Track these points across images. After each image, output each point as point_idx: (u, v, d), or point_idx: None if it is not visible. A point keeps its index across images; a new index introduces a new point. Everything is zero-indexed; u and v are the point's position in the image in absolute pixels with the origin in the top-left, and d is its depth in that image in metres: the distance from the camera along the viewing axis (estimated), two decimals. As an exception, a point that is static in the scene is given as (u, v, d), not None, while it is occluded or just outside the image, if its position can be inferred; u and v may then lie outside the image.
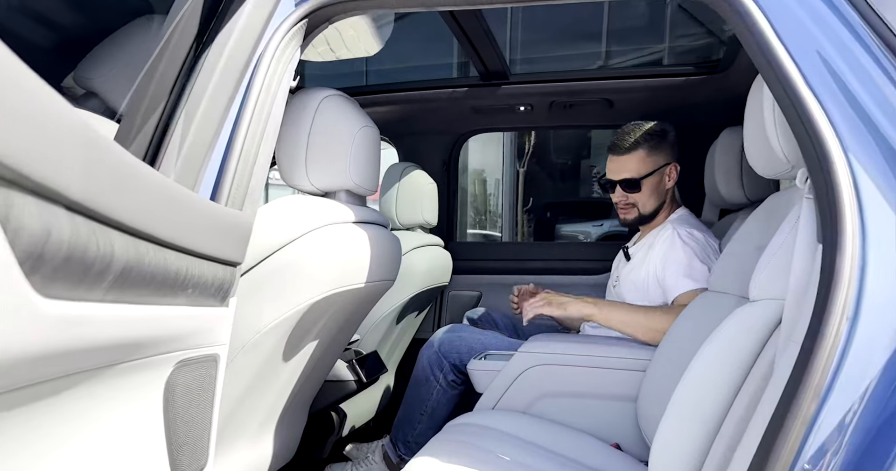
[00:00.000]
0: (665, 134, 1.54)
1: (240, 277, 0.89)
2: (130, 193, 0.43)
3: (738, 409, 0.75)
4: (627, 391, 1.30)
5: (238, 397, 1.00)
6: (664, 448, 0.81)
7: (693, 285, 1.36)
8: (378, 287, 1.26)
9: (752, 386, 0.74)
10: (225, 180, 0.83)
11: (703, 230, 1.49)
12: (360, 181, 1.15)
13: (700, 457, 0.78)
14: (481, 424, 1.28)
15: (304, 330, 1.08)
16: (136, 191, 0.45)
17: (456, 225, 2.45)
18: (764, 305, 0.76)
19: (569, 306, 1.41)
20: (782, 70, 0.69)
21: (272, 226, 0.98)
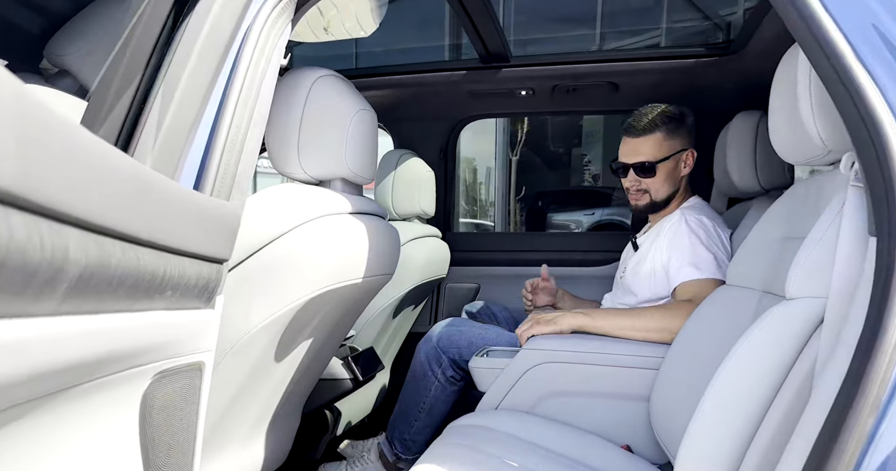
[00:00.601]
0: (684, 118, 1.47)
1: (227, 273, 0.82)
2: (91, 182, 0.36)
3: (775, 416, 0.70)
4: (639, 390, 1.25)
5: (227, 403, 0.93)
6: (691, 459, 0.76)
7: (696, 275, 1.30)
8: (376, 282, 1.20)
9: (791, 392, 0.69)
10: (209, 168, 0.75)
11: (713, 218, 1.43)
12: (357, 169, 1.08)
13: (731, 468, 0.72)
14: (485, 425, 1.22)
15: (298, 329, 1.02)
16: (100, 179, 0.38)
17: (453, 215, 2.38)
18: (803, 304, 0.70)
19: (559, 321, 1.34)
20: (830, 45, 0.63)
21: (262, 217, 0.90)
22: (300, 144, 1.02)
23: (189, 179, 0.75)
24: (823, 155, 0.82)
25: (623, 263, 1.61)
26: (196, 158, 0.76)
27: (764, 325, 0.74)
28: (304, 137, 1.02)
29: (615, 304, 1.53)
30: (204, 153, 0.77)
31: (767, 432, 0.70)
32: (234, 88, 0.79)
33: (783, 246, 0.98)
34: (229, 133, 0.78)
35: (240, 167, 0.81)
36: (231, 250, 0.66)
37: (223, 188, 0.77)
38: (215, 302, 0.64)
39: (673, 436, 1.11)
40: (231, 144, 0.78)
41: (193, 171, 0.75)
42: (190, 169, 0.75)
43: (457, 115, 2.17)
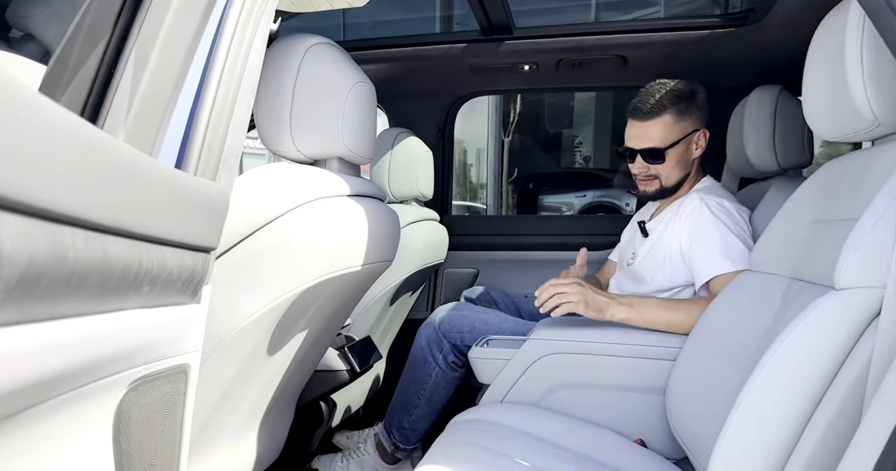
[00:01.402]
0: (694, 95, 1.38)
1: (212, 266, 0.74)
2: (39, 155, 0.28)
3: (825, 415, 0.64)
4: (653, 382, 1.20)
5: (215, 402, 0.87)
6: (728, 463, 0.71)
7: (732, 267, 1.22)
8: (376, 269, 1.13)
9: (841, 392, 0.63)
10: (193, 144, 0.67)
11: (733, 201, 1.36)
12: (355, 147, 1.00)
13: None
14: (490, 419, 1.17)
15: (292, 321, 0.95)
16: (52, 152, 0.30)
17: (451, 197, 2.30)
18: (857, 294, 0.64)
19: (606, 311, 1.21)
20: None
21: (251, 200, 0.83)
22: (293, 119, 0.94)
23: (170, 156, 0.67)
24: (871, 128, 0.75)
25: (629, 248, 1.54)
26: (177, 132, 0.68)
27: (811, 318, 0.68)
28: (296, 111, 0.94)
29: (624, 292, 1.47)
30: (186, 127, 0.69)
31: (815, 434, 0.65)
32: (218, 53, 0.70)
33: (815, 230, 0.92)
34: (214, 105, 0.70)
35: (227, 143, 0.73)
36: (219, 237, 0.59)
37: (209, 167, 0.69)
38: (201, 295, 0.56)
39: (690, 430, 1.06)
40: (217, 117, 0.70)
41: (175, 147, 0.68)
42: (170, 145, 0.67)
43: (456, 91, 2.08)
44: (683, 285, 1.35)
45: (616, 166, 8.59)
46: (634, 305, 1.24)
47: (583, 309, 1.21)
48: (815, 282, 0.84)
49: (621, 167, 8.28)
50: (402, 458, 1.65)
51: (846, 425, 0.63)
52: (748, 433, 0.72)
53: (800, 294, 0.88)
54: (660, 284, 1.36)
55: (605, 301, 1.23)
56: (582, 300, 1.20)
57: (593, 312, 1.21)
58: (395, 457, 1.65)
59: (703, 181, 1.45)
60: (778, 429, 0.67)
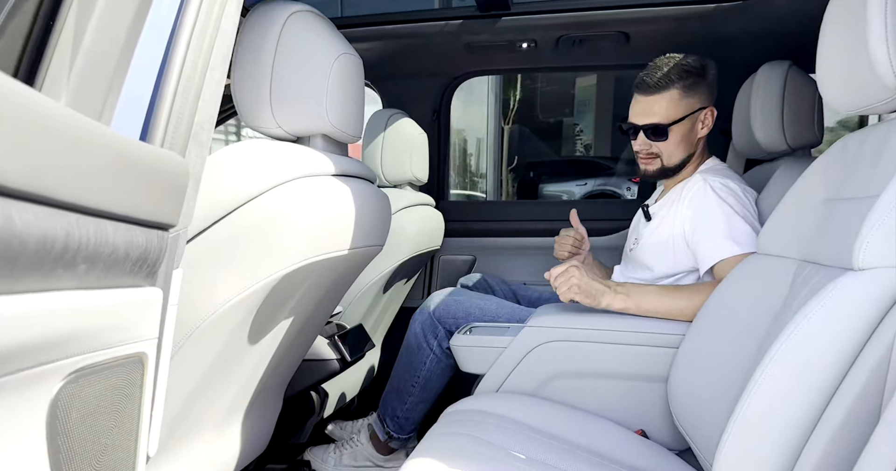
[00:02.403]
0: (705, 71, 1.31)
1: (185, 243, 0.69)
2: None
3: (841, 406, 0.59)
4: (655, 370, 1.15)
5: (191, 392, 0.82)
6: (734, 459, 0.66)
7: (738, 250, 1.17)
8: (365, 254, 1.08)
9: (861, 379, 0.58)
10: (159, 115, 0.62)
11: (739, 182, 1.31)
12: (341, 124, 0.94)
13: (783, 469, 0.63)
14: (485, 410, 1.12)
15: (274, 307, 0.90)
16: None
17: (447, 182, 2.25)
18: (878, 275, 0.59)
19: (602, 299, 1.18)
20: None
21: (229, 177, 0.77)
22: (273, 93, 0.88)
23: (132, 128, 0.62)
24: (893, 98, 0.70)
25: (633, 233, 1.49)
26: (141, 103, 0.63)
27: (825, 302, 0.63)
28: (276, 85, 0.88)
29: (628, 279, 1.42)
30: (152, 98, 0.63)
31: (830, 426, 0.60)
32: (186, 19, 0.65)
33: (827, 209, 0.86)
34: (182, 75, 0.65)
35: (198, 116, 0.68)
36: (179, 214, 0.54)
37: (177, 141, 0.64)
38: (162, 278, 0.51)
39: (693, 421, 1.02)
40: (185, 88, 0.65)
41: (138, 119, 0.63)
42: (133, 116, 0.62)
43: (452, 71, 2.01)
44: (687, 271, 1.30)
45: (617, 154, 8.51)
46: (631, 293, 1.19)
47: (580, 298, 1.18)
48: (829, 264, 0.79)
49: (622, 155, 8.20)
50: (397, 448, 1.61)
51: (865, 417, 0.59)
52: (757, 425, 0.68)
53: (811, 277, 0.83)
54: (663, 270, 1.32)
55: (601, 289, 1.19)
56: (576, 285, 1.17)
57: (588, 299, 1.18)
58: (389, 447, 1.61)
59: (709, 162, 1.39)
60: (789, 421, 0.63)
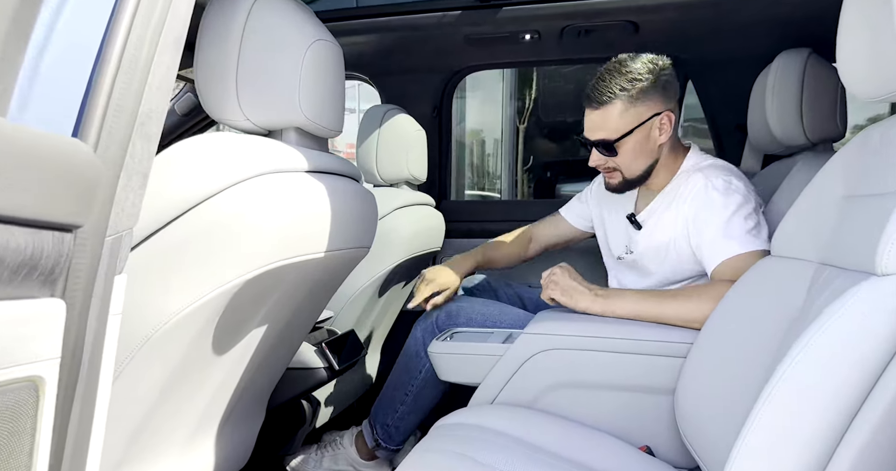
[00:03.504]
0: (654, 75, 1.21)
1: (128, 247, 0.64)
2: None
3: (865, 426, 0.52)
4: (661, 381, 1.08)
5: (152, 405, 0.77)
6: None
7: (737, 249, 1.11)
8: (347, 256, 1.02)
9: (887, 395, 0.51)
10: (94, 107, 0.57)
11: (741, 177, 1.23)
12: (316, 116, 0.89)
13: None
14: (477, 424, 1.06)
15: (242, 314, 0.84)
16: None
17: (449, 181, 2.18)
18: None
19: (580, 300, 1.17)
20: None
21: (184, 174, 0.72)
22: (239, 82, 0.83)
23: (59, 120, 0.57)
24: None
25: (620, 242, 1.40)
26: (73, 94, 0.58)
27: (846, 310, 0.55)
28: (243, 73, 0.83)
29: (624, 286, 1.35)
30: (87, 88, 0.58)
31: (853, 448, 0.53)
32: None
33: (847, 207, 0.79)
34: (122, 60, 0.59)
35: (144, 106, 0.62)
36: (87, 214, 0.49)
37: (117, 135, 0.59)
38: (65, 288, 0.46)
39: (702, 437, 0.94)
40: (127, 75, 0.60)
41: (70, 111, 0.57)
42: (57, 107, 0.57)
43: (452, 65, 1.95)
44: (693, 277, 1.23)
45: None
46: (611, 297, 1.16)
47: (559, 296, 1.18)
48: (850, 268, 0.72)
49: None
50: (381, 457, 1.56)
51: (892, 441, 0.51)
52: (769, 446, 0.61)
53: (831, 282, 0.75)
54: (666, 275, 1.25)
55: (580, 289, 1.18)
56: (554, 283, 1.18)
57: (565, 297, 1.18)
58: (373, 454, 1.56)
59: (692, 157, 1.29)
60: (805, 443, 0.55)
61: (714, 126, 1.86)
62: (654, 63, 1.21)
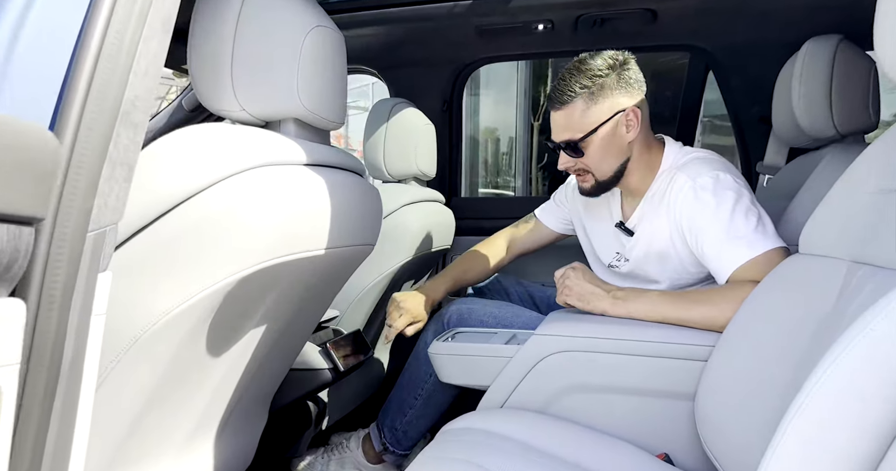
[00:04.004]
0: (615, 70, 1.16)
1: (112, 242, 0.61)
2: None
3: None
4: (681, 386, 1.03)
5: (143, 408, 0.74)
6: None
7: (750, 253, 1.05)
8: (349, 254, 0.99)
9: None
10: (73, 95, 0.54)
11: (726, 166, 1.16)
12: (315, 106, 0.85)
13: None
14: (486, 428, 1.02)
15: (238, 314, 0.81)
16: None
17: (460, 178, 2.14)
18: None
19: (598, 303, 1.12)
20: None
21: (172, 167, 0.69)
22: (234, 70, 0.79)
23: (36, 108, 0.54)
24: None
25: (609, 250, 1.35)
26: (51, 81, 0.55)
27: (887, 313, 0.50)
28: (239, 61, 0.80)
29: None
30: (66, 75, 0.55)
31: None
32: None
33: (882, 201, 0.74)
34: (104, 45, 0.56)
35: (129, 92, 0.59)
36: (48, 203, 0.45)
37: (100, 121, 0.56)
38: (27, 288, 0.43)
39: (724, 445, 0.89)
40: (110, 61, 0.57)
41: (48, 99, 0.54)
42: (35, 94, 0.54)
43: (462, 57, 1.91)
44: (703, 279, 1.18)
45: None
46: (631, 299, 1.10)
47: (573, 301, 1.13)
48: (888, 266, 0.67)
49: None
50: (388, 461, 1.52)
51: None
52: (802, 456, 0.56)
53: (867, 281, 0.70)
54: (673, 282, 1.21)
55: (596, 292, 1.13)
56: (568, 287, 1.13)
57: (581, 302, 1.13)
58: (380, 458, 1.53)
59: (671, 153, 1.23)
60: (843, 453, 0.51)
61: (736, 119, 1.79)
62: (614, 59, 1.17)
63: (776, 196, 1.40)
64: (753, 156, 1.75)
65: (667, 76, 3.94)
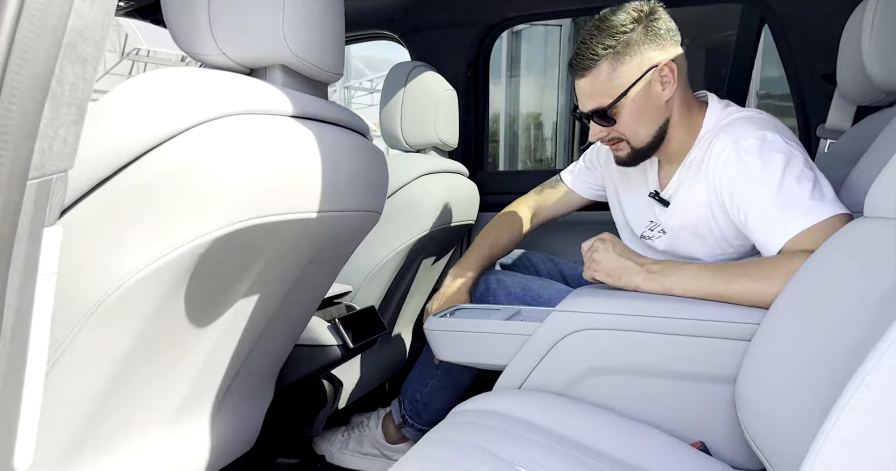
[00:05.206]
0: (642, 23, 1.04)
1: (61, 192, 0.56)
2: None
3: None
4: (720, 368, 0.93)
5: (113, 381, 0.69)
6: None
7: (805, 222, 0.93)
8: (350, 221, 0.92)
9: None
10: None
11: (775, 125, 1.03)
12: (305, 52, 0.78)
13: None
14: (501, 411, 0.94)
15: (222, 281, 0.75)
16: None
17: (486, 150, 2.05)
18: None
19: (631, 278, 1.02)
20: None
21: (135, 113, 0.63)
22: (212, 7, 0.73)
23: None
24: None
25: (642, 219, 1.24)
26: None
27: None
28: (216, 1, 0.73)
29: None
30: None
31: None
32: None
33: None
34: None
35: (73, 21, 0.53)
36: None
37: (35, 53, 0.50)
38: None
39: (769, 434, 0.80)
40: None
41: None
42: None
43: (487, 18, 1.80)
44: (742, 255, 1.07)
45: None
46: (668, 273, 0.99)
47: (599, 274, 1.04)
48: None
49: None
50: (409, 437, 1.49)
51: None
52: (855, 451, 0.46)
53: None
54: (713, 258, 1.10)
55: (628, 267, 1.02)
56: (596, 262, 1.04)
57: (611, 278, 1.04)
58: (398, 434, 1.50)
59: (716, 114, 1.10)
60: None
61: (795, 78, 1.63)
62: (638, 11, 1.05)
63: (839, 162, 1.25)
64: (814, 119, 1.59)
65: (721, 52, 3.68)
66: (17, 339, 0.52)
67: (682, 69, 1.08)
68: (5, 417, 0.52)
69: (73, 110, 0.55)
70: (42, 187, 0.53)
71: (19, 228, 0.52)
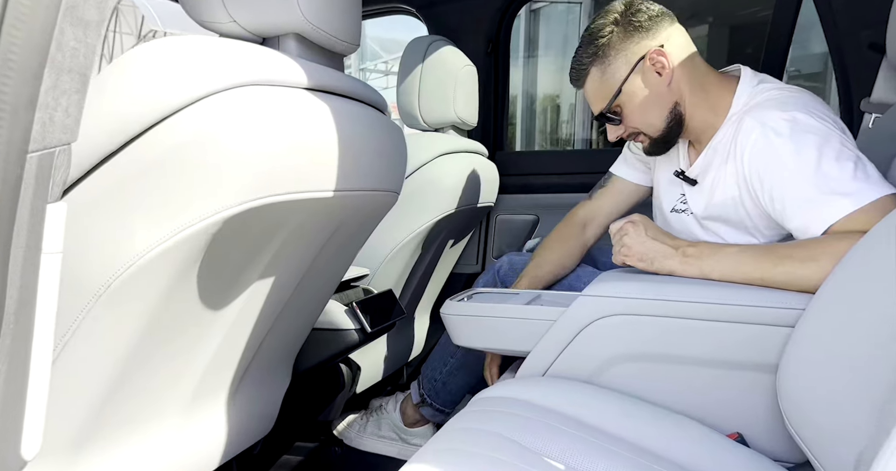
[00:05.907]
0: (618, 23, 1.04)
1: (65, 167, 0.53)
2: None
3: None
4: (760, 356, 0.88)
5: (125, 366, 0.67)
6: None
7: (851, 206, 0.86)
8: (368, 201, 0.88)
9: None
10: None
11: (804, 103, 0.96)
12: (320, 20, 0.74)
13: None
14: (525, 399, 0.91)
15: (234, 262, 0.73)
16: None
17: (506, 130, 1.99)
18: None
19: (664, 263, 0.97)
20: None
21: (143, 83, 0.59)
22: None
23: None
24: None
25: (669, 195, 1.18)
26: None
27: None
28: None
29: None
30: None
31: None
32: None
33: None
34: None
35: None
36: None
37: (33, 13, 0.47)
38: None
39: (815, 426, 0.75)
40: None
41: None
42: None
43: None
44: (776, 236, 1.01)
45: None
46: (705, 256, 0.94)
47: (630, 258, 1.00)
48: None
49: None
50: (429, 418, 1.48)
51: None
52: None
53: None
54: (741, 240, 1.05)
55: (661, 250, 0.97)
56: (627, 246, 1.00)
57: (643, 263, 0.99)
58: (416, 416, 1.50)
59: (745, 94, 1.04)
60: None
61: (837, 51, 1.55)
62: (615, 12, 1.05)
63: (885, 138, 1.18)
64: (859, 93, 1.51)
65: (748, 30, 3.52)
66: (21, 321, 0.50)
67: (682, 48, 1.04)
68: (11, 403, 0.50)
69: (75, 78, 0.51)
70: (44, 161, 0.50)
71: (20, 204, 0.49)
